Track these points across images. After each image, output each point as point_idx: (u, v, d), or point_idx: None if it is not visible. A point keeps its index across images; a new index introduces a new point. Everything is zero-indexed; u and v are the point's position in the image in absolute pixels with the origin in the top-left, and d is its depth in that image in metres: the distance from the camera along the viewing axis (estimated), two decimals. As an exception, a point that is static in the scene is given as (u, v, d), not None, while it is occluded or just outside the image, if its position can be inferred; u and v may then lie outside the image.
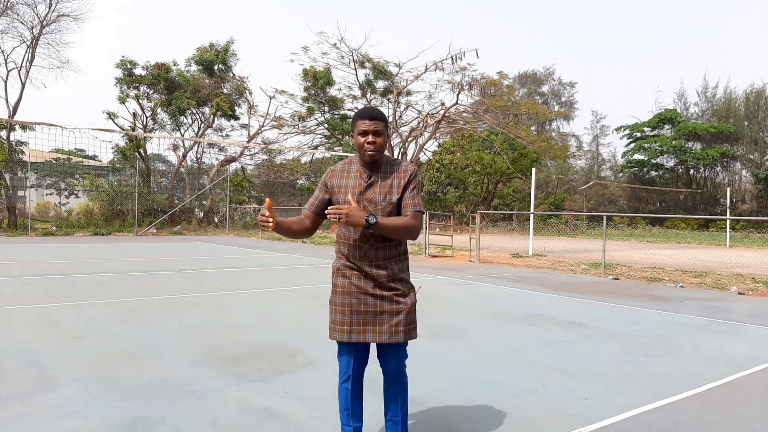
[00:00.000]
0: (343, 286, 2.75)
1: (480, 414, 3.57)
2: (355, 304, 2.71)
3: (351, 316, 2.71)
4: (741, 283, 10.74)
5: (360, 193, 2.72)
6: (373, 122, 2.68)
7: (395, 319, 2.71)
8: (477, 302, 8.12)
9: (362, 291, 2.71)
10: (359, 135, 2.70)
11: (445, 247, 18.40)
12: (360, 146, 2.72)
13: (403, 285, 2.77)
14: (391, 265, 2.75)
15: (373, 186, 2.73)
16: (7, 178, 23.54)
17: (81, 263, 12.04)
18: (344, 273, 2.75)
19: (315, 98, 31.80)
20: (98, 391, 3.80)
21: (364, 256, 2.71)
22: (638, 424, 3.45)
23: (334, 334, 2.75)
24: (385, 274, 2.72)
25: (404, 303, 2.75)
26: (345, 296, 2.73)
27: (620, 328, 6.38)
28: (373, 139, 2.68)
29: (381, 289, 2.72)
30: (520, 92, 49.35)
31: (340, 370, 2.80)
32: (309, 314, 6.79)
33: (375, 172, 2.76)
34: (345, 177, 2.78)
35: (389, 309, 2.72)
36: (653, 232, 32.03)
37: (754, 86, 43.42)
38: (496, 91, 30.46)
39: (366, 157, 2.71)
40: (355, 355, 2.77)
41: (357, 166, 2.79)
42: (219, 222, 29.25)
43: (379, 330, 2.71)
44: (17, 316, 6.35)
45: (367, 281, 2.72)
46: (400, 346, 2.80)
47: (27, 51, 24.20)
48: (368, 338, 2.71)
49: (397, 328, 2.71)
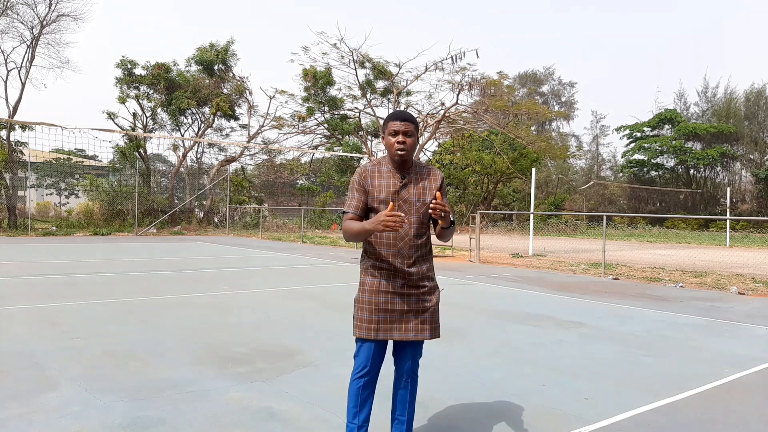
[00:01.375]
0: (371, 285, 2.77)
1: (480, 414, 3.57)
2: (382, 303, 2.74)
3: (378, 314, 2.74)
4: (741, 283, 10.74)
5: (395, 193, 2.76)
6: (403, 123, 2.74)
7: (421, 317, 2.77)
8: (477, 302, 8.12)
9: (390, 290, 2.75)
10: (390, 135, 2.76)
11: (445, 247, 18.40)
12: (390, 146, 2.76)
13: (430, 283, 2.83)
14: (420, 264, 2.80)
15: (407, 187, 2.79)
16: (7, 178, 23.54)
17: (81, 263, 12.04)
18: (373, 273, 2.78)
19: (315, 98, 31.79)
20: (98, 391, 3.79)
21: (398, 254, 2.74)
22: (638, 424, 3.45)
23: (360, 332, 2.75)
24: (416, 272, 2.77)
25: (430, 301, 2.80)
26: (373, 295, 2.75)
27: (620, 328, 6.38)
28: (403, 140, 2.73)
29: (409, 288, 2.76)
30: (520, 92, 49.34)
31: (356, 365, 2.78)
32: (309, 314, 6.79)
33: (407, 173, 2.81)
34: (377, 177, 2.80)
35: (416, 307, 2.77)
36: (653, 232, 32.04)
37: (754, 86, 43.49)
38: (496, 91, 30.45)
39: (396, 157, 2.76)
40: (376, 352, 2.78)
41: (387, 167, 2.82)
42: (219, 222, 29.25)
43: (405, 328, 2.75)
44: (17, 316, 6.35)
45: (395, 280, 2.75)
46: (418, 345, 2.85)
47: (27, 51, 24.20)
48: (394, 336, 2.75)
49: (423, 326, 2.77)
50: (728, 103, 44.14)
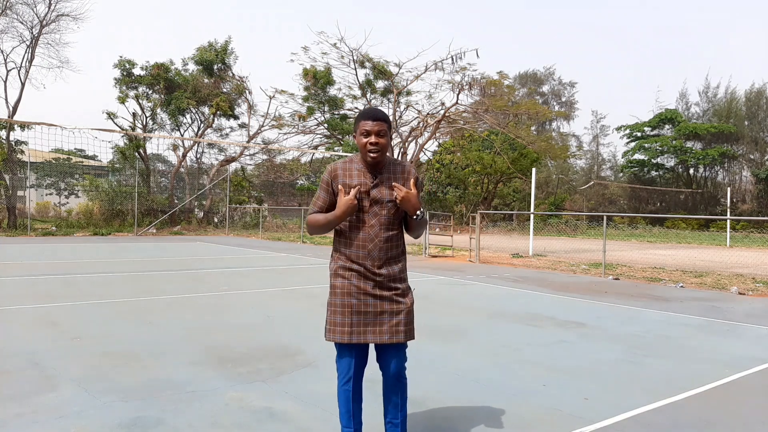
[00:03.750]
0: (342, 287, 2.72)
1: (480, 414, 3.57)
2: (355, 305, 2.69)
3: (351, 317, 2.68)
4: (741, 283, 10.73)
5: (365, 192, 2.70)
6: (376, 123, 2.66)
7: (395, 319, 2.71)
8: (477, 302, 8.11)
9: (362, 291, 2.69)
10: (361, 135, 2.68)
11: (445, 247, 18.39)
12: (362, 147, 2.69)
13: (402, 285, 2.77)
14: (392, 266, 2.75)
15: (379, 186, 2.73)
16: (7, 178, 23.53)
17: (81, 263, 12.04)
18: (343, 274, 2.73)
19: (315, 98, 31.79)
20: (98, 391, 3.79)
21: (367, 256, 2.69)
22: (638, 424, 3.45)
23: (333, 336, 2.71)
24: (386, 274, 2.72)
25: (404, 303, 2.74)
26: (345, 297, 2.70)
27: (620, 328, 6.38)
28: (376, 140, 2.66)
29: (381, 290, 2.71)
30: (520, 92, 49.34)
31: (340, 372, 2.77)
32: (309, 314, 6.79)
33: (379, 172, 2.75)
34: (348, 176, 2.74)
35: (389, 309, 2.71)
36: (653, 232, 32.03)
37: (754, 86, 43.49)
38: (496, 91, 30.47)
39: (368, 159, 2.69)
40: (355, 356, 2.75)
41: (359, 166, 2.76)
42: (219, 222, 29.25)
43: (380, 330, 2.69)
44: (17, 316, 6.35)
45: (367, 281, 2.70)
46: (399, 347, 2.78)
47: (26, 51, 24.19)
48: (368, 339, 2.69)
49: (398, 328, 2.71)
50: (729, 103, 44.14)
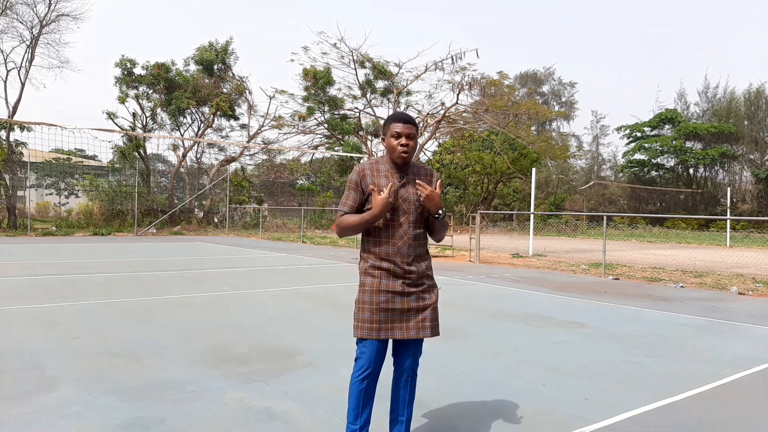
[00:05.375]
0: (371, 285, 2.78)
1: (480, 414, 3.57)
2: (383, 302, 2.76)
3: (379, 314, 2.75)
4: (741, 283, 10.73)
5: (394, 192, 2.79)
6: (406, 126, 2.79)
7: (422, 315, 2.80)
8: (477, 302, 8.11)
9: (390, 289, 2.77)
10: (392, 137, 2.81)
11: (445, 247, 18.40)
12: (393, 148, 2.81)
13: (429, 282, 2.87)
14: (419, 262, 2.84)
15: (406, 186, 2.84)
16: (7, 178, 23.53)
17: (81, 263, 12.04)
18: (373, 273, 2.79)
19: (315, 98, 31.78)
20: (98, 391, 3.79)
21: (397, 253, 2.78)
22: (638, 424, 3.45)
23: (361, 333, 2.75)
24: (415, 271, 2.80)
25: (430, 299, 2.84)
26: (373, 294, 2.77)
27: (620, 328, 6.38)
28: (407, 142, 2.79)
29: (409, 287, 2.79)
30: (520, 92, 49.35)
31: (359, 367, 2.78)
32: (309, 314, 6.79)
33: (405, 173, 2.86)
34: (376, 176, 2.83)
35: (416, 306, 2.80)
36: (653, 232, 32.04)
37: (752, 86, 43.51)
38: (496, 91, 30.45)
39: (398, 159, 2.81)
40: (378, 353, 2.79)
41: (386, 166, 2.86)
42: (219, 222, 29.25)
43: (406, 327, 2.78)
44: (17, 316, 6.35)
45: (395, 279, 2.78)
46: (419, 344, 2.88)
47: (26, 51, 24.21)
48: (396, 335, 2.76)
49: (424, 324, 2.80)
50: (729, 103, 44.14)
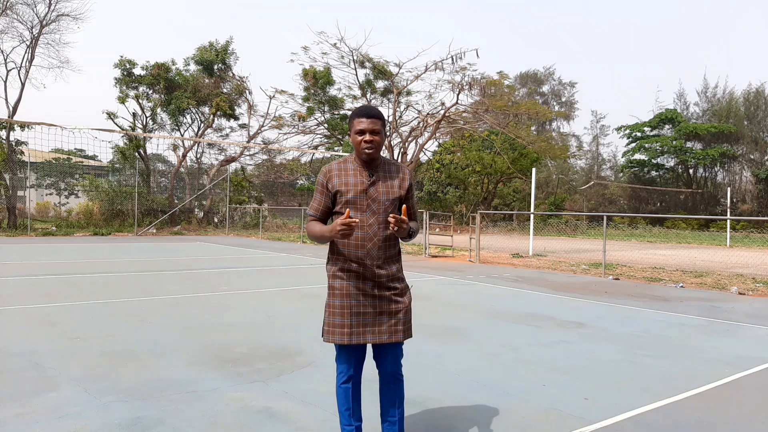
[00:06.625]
0: (341, 288, 2.72)
1: (480, 414, 3.57)
2: (354, 306, 2.70)
3: (350, 318, 2.69)
4: (741, 283, 10.73)
5: (363, 191, 2.69)
6: (370, 121, 2.66)
7: (394, 319, 2.73)
8: (477, 302, 8.11)
9: (361, 292, 2.70)
10: (356, 134, 2.68)
11: (445, 247, 18.39)
12: (357, 145, 2.68)
13: (400, 284, 2.79)
14: (389, 265, 2.76)
15: (376, 185, 2.72)
16: (7, 178, 23.52)
17: (81, 263, 12.04)
18: (342, 276, 2.73)
19: (315, 98, 31.79)
20: (98, 391, 3.79)
21: (366, 256, 2.69)
22: (638, 424, 3.45)
23: (333, 337, 2.70)
24: (385, 274, 2.73)
25: (402, 302, 2.76)
26: (344, 298, 2.70)
27: (620, 328, 6.38)
28: (371, 138, 2.66)
29: (380, 290, 2.72)
30: (520, 92, 49.34)
31: (339, 371, 2.78)
32: (309, 314, 6.79)
33: (374, 171, 2.75)
34: (344, 175, 2.73)
35: (388, 309, 2.72)
36: (653, 232, 32.02)
37: (751, 86, 43.51)
38: (496, 91, 30.46)
39: (364, 156, 2.69)
40: (354, 356, 2.76)
41: (354, 165, 2.76)
42: (219, 222, 29.24)
43: (379, 330, 2.71)
44: (17, 316, 6.35)
45: (365, 282, 2.71)
46: (397, 346, 2.80)
47: (27, 51, 24.18)
48: (368, 339, 2.70)
49: (396, 328, 2.72)
50: (728, 103, 44.14)
